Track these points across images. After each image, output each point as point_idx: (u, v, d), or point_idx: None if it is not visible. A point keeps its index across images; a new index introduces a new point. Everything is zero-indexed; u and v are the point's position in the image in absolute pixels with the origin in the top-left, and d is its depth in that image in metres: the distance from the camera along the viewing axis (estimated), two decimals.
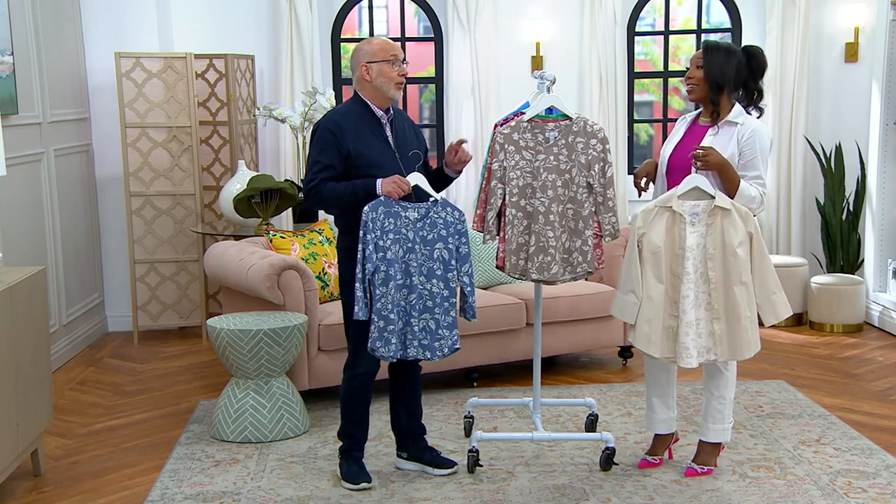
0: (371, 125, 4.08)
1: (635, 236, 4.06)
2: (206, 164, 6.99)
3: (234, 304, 5.47)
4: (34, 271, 4.34)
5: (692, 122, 4.32)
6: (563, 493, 4.13)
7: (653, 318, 4.03)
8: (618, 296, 4.14)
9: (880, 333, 6.75)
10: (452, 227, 4.06)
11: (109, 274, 7.14)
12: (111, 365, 6.32)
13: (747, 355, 4.05)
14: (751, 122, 4.18)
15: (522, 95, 4.65)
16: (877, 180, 6.83)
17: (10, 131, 5.42)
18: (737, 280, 3.99)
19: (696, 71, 4.18)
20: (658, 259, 4.03)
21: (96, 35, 6.87)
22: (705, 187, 4.02)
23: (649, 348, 4.05)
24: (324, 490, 4.19)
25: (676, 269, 4.02)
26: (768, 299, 4.07)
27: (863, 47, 7.22)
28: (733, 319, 4.01)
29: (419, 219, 4.01)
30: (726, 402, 4.24)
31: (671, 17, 7.60)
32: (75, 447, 4.81)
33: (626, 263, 4.10)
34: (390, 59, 4.04)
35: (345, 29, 7.50)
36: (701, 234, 4.02)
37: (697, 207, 4.02)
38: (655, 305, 4.03)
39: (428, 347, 4.03)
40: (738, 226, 4.00)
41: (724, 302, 4.01)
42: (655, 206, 4.06)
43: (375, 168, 4.03)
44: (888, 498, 4.04)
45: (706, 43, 4.22)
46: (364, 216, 3.93)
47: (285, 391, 4.84)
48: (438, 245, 4.04)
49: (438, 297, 4.02)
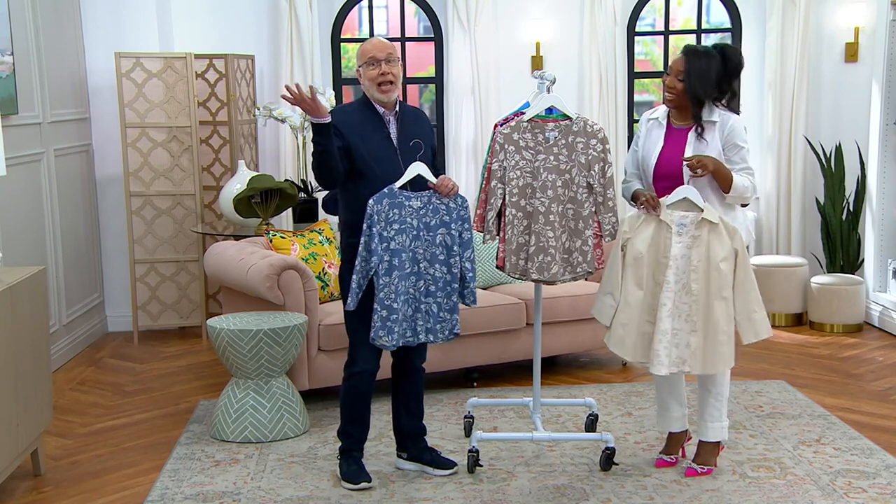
0: (373, 122, 4.10)
1: (619, 241, 4.12)
2: (206, 164, 6.99)
3: (234, 304, 5.47)
4: (34, 271, 4.34)
5: (667, 127, 4.28)
6: (563, 493, 4.13)
7: (628, 323, 4.09)
8: (598, 296, 4.20)
9: (880, 333, 6.75)
10: (455, 212, 4.10)
11: (109, 274, 7.14)
12: (111, 365, 6.32)
13: (720, 369, 4.10)
14: (725, 116, 4.19)
15: (522, 95, 4.65)
16: (877, 180, 6.83)
17: (10, 131, 5.42)
18: (717, 294, 4.01)
19: (678, 83, 4.15)
20: (640, 265, 4.06)
21: (96, 35, 6.87)
22: (695, 199, 4.04)
23: (623, 351, 4.13)
24: (324, 490, 4.19)
25: (658, 277, 4.05)
26: (749, 318, 4.07)
27: (863, 47, 7.22)
28: (710, 333, 4.03)
29: (422, 206, 4.05)
30: (723, 400, 4.26)
31: (671, 17, 7.60)
32: (75, 447, 4.81)
33: (609, 266, 4.17)
34: (368, 61, 4.05)
35: (345, 29, 7.50)
36: (686, 245, 4.04)
37: (685, 219, 4.04)
38: (632, 310, 4.08)
39: (430, 330, 4.10)
40: (724, 241, 4.03)
41: (702, 315, 4.03)
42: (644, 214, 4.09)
43: (374, 162, 4.06)
44: (888, 498, 4.04)
45: (687, 49, 4.19)
46: (369, 209, 3.97)
47: (285, 391, 4.84)
48: (441, 231, 4.08)
49: (441, 282, 4.08)
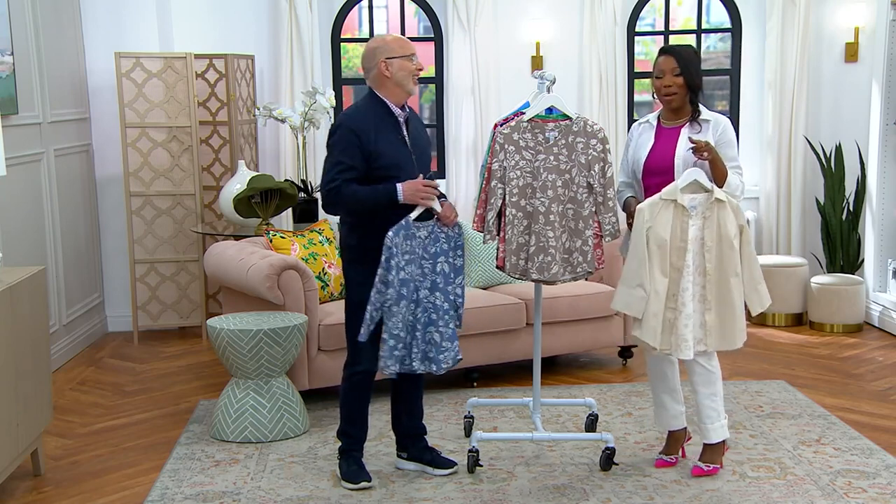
0: (390, 124, 4.07)
1: (643, 229, 4.05)
2: (206, 164, 6.99)
3: (234, 304, 5.47)
4: (34, 271, 4.34)
5: (658, 127, 4.29)
6: (563, 493, 4.13)
7: (658, 312, 4.05)
8: (622, 290, 4.11)
9: (880, 333, 6.75)
10: (453, 240, 4.11)
11: (109, 274, 7.14)
12: (111, 365, 6.32)
13: (738, 344, 4.12)
14: (717, 116, 4.26)
15: (522, 95, 4.65)
16: (877, 180, 6.83)
17: (10, 131, 5.42)
18: (732, 271, 4.04)
19: (675, 78, 4.17)
20: (664, 252, 4.04)
21: (96, 35, 6.87)
22: (703, 181, 4.05)
23: (655, 341, 4.07)
24: (324, 490, 4.19)
25: (677, 263, 4.04)
26: (755, 289, 4.14)
27: (863, 47, 7.22)
28: (727, 310, 4.06)
29: (427, 236, 4.05)
30: (718, 399, 4.24)
31: (671, 17, 7.60)
32: (75, 447, 4.81)
33: (633, 257, 4.08)
34: (409, 55, 4.07)
35: (345, 29, 7.50)
36: (699, 227, 4.05)
37: (695, 200, 4.05)
38: (661, 299, 4.05)
39: (434, 360, 4.07)
40: (731, 218, 4.06)
41: (716, 293, 4.05)
42: (660, 199, 4.06)
43: (394, 169, 4.02)
44: (888, 498, 4.04)
45: (670, 49, 4.23)
46: (388, 241, 3.92)
47: (285, 391, 4.84)
48: (441, 259, 4.08)
49: (441, 310, 4.06)
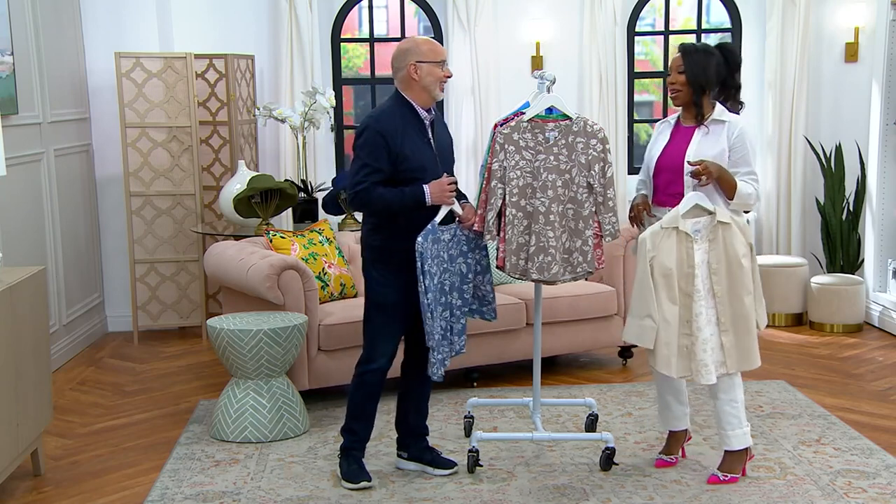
0: (416, 127, 4.08)
1: (646, 259, 4.03)
2: (206, 164, 6.99)
3: (234, 304, 5.47)
4: (34, 271, 4.34)
5: (675, 125, 4.31)
6: (563, 493, 4.13)
7: (670, 341, 4.02)
8: (631, 322, 4.10)
9: (880, 333, 6.75)
10: (474, 242, 4.22)
11: (109, 274, 7.14)
12: (111, 365, 6.32)
13: (756, 363, 4.09)
14: (736, 120, 4.21)
15: (522, 95, 4.64)
16: (877, 180, 6.83)
17: (10, 131, 5.42)
18: (745, 290, 4.02)
19: (678, 76, 4.18)
20: (670, 280, 4.02)
21: (96, 35, 6.87)
22: (705, 204, 4.03)
23: (670, 370, 4.05)
24: (324, 490, 4.19)
25: (687, 288, 4.02)
26: (761, 304, 4.14)
27: (863, 47, 7.22)
28: (742, 329, 4.04)
29: (450, 239, 4.16)
30: (739, 405, 4.15)
31: (671, 17, 7.60)
32: (75, 447, 4.81)
33: (639, 287, 4.07)
34: (441, 61, 4.08)
35: (345, 29, 7.50)
36: (704, 250, 4.03)
37: (699, 224, 4.03)
38: (672, 327, 4.02)
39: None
40: (739, 238, 4.03)
41: (730, 314, 4.03)
42: (661, 228, 4.04)
43: (420, 171, 4.04)
44: (888, 498, 4.04)
45: (683, 46, 4.23)
46: (419, 247, 3.97)
47: (285, 391, 4.84)
48: (459, 259, 4.20)
49: (455, 308, 4.19)
